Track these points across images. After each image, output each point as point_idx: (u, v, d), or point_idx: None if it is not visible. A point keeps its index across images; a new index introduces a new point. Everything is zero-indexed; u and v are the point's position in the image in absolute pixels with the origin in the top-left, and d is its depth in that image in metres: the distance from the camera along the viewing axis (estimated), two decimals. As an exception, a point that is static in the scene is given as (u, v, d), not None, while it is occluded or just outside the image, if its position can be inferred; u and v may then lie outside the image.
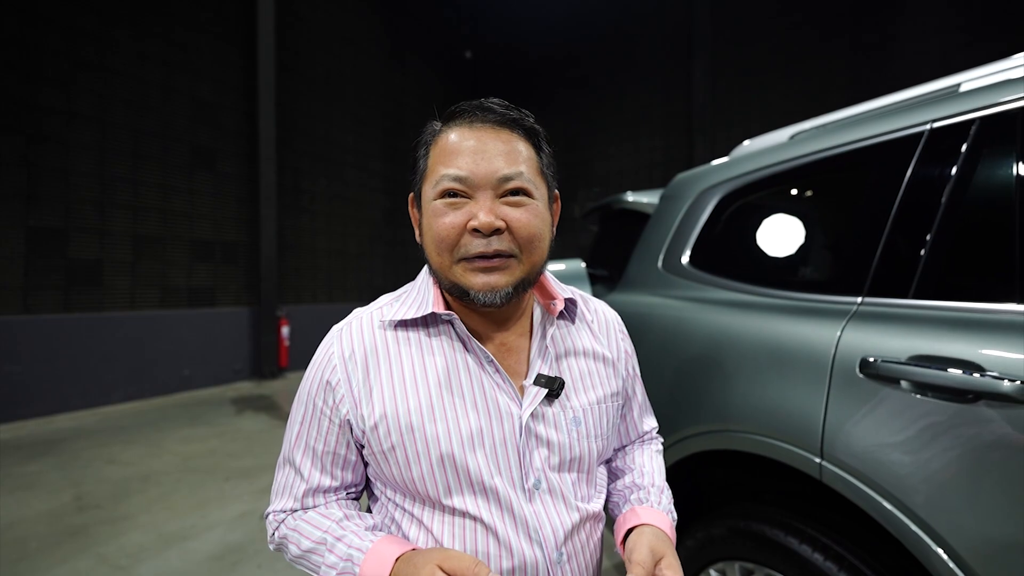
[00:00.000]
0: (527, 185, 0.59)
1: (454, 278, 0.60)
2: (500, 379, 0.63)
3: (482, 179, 0.57)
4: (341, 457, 0.65)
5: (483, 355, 0.63)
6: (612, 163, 9.19)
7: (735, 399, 1.12)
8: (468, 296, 0.60)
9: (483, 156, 0.58)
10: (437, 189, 0.59)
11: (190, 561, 2.23)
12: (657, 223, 1.61)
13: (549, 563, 0.60)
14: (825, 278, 1.15)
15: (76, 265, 4.78)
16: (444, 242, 0.59)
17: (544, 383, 0.63)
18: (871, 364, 0.89)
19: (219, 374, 5.98)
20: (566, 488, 0.63)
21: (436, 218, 0.59)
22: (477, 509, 0.59)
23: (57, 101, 4.60)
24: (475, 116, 0.60)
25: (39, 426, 4.33)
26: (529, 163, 0.60)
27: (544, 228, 0.62)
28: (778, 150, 1.29)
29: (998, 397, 0.74)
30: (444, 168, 0.59)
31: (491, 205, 0.57)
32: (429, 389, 0.61)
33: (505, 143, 0.59)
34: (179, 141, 5.57)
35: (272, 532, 0.66)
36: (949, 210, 0.90)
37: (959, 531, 0.77)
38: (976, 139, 0.90)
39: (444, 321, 0.65)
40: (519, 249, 0.59)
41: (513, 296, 0.60)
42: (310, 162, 7.18)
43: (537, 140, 0.63)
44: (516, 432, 0.61)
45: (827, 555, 0.96)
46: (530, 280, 0.62)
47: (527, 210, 0.59)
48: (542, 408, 0.63)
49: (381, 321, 0.65)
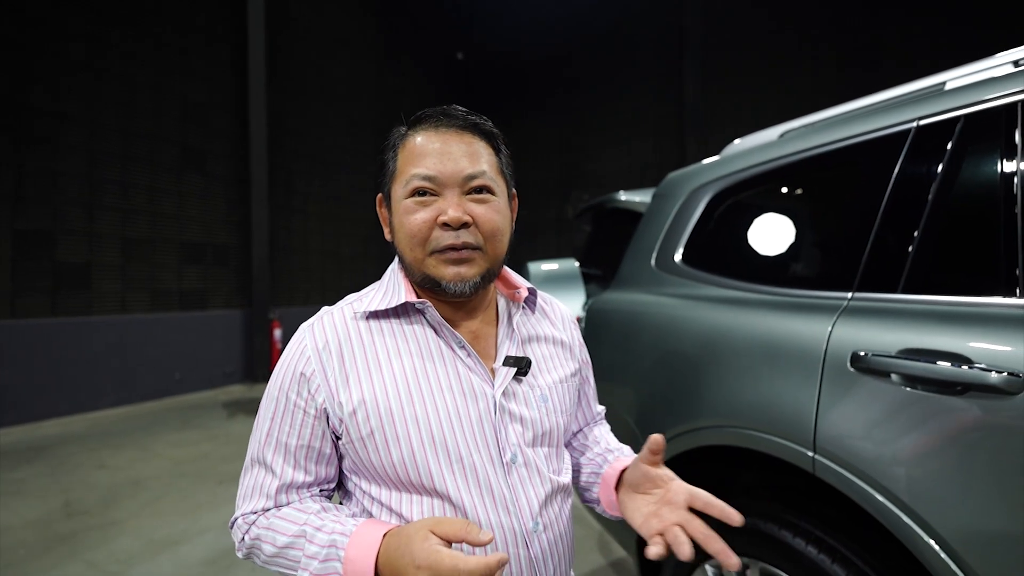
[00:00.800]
0: (490, 183, 0.64)
1: (427, 270, 0.64)
2: (472, 362, 0.67)
3: (449, 177, 0.62)
4: (315, 451, 0.65)
5: (455, 340, 0.67)
6: (605, 164, 9.23)
7: (728, 395, 1.13)
8: (440, 287, 0.64)
9: (449, 157, 0.62)
10: (408, 188, 0.63)
11: (182, 566, 2.21)
12: (650, 222, 1.62)
13: (526, 533, 0.64)
14: (816, 274, 1.16)
15: (64, 268, 4.72)
16: (416, 237, 0.63)
17: (513, 363, 0.68)
18: (862, 358, 0.90)
19: (211, 377, 5.92)
20: (540, 461, 0.68)
21: (408, 215, 0.63)
22: (456, 488, 0.62)
23: (45, 102, 4.55)
24: (439, 121, 0.65)
25: (26, 432, 4.27)
26: (490, 163, 0.66)
27: (505, 223, 0.67)
28: (768, 148, 1.31)
29: (986, 388, 0.75)
30: (413, 168, 0.63)
31: (458, 201, 0.62)
32: (405, 374, 0.64)
33: (468, 145, 0.64)
34: (169, 142, 5.52)
35: (242, 536, 0.64)
36: (936, 206, 0.92)
37: (950, 522, 0.78)
38: (961, 136, 0.91)
39: (417, 310, 0.68)
40: (484, 241, 0.64)
41: (480, 286, 0.65)
42: (303, 163, 7.15)
43: (496, 143, 0.68)
44: (491, 410, 0.65)
45: (821, 548, 0.97)
46: (494, 271, 0.68)
47: (490, 206, 0.64)
48: (512, 387, 0.68)
49: (353, 313, 0.68)
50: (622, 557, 2.25)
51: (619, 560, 2.23)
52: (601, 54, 9.16)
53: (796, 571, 1.00)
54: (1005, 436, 0.74)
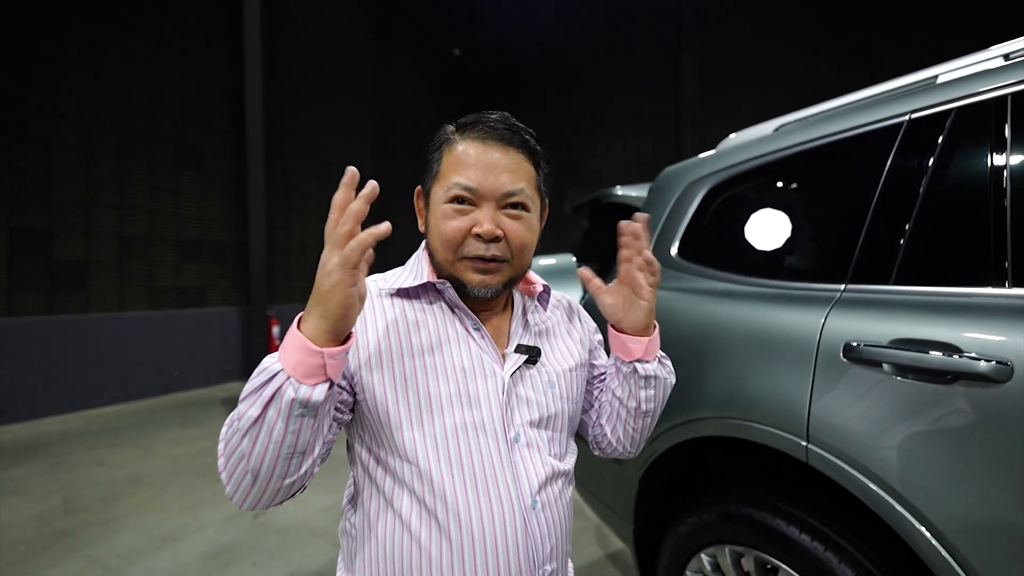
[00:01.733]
0: (526, 200, 0.68)
1: (455, 272, 0.68)
2: (486, 343, 0.71)
3: (488, 191, 0.66)
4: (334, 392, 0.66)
5: (471, 321, 0.71)
6: (602, 160, 9.24)
7: (723, 386, 1.14)
8: (464, 289, 0.69)
9: (492, 171, 0.66)
10: (448, 194, 0.67)
11: (182, 562, 2.22)
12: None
13: (525, 509, 0.66)
14: (810, 266, 1.17)
15: (61, 266, 4.71)
16: (450, 242, 0.67)
17: (524, 351, 0.72)
18: (854, 348, 0.91)
19: (209, 375, 5.92)
20: (542, 443, 0.71)
21: (445, 220, 0.67)
22: (460, 458, 0.64)
23: (42, 102, 4.53)
24: (488, 132, 0.68)
25: (25, 430, 4.27)
26: (529, 180, 0.69)
27: (533, 238, 0.72)
28: (763, 142, 1.31)
29: (975, 377, 0.76)
30: (456, 176, 0.66)
31: (493, 215, 0.66)
32: (422, 346, 0.68)
33: (512, 160, 0.68)
34: (165, 141, 5.51)
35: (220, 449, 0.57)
36: (928, 198, 0.93)
37: (941, 509, 0.79)
38: (952, 129, 0.92)
39: (436, 290, 0.72)
40: (512, 255, 0.68)
41: (501, 292, 0.71)
42: (300, 162, 7.13)
43: (537, 159, 0.72)
44: (500, 390, 0.68)
45: (814, 536, 0.99)
46: (516, 279, 0.73)
47: (522, 223, 0.68)
48: (521, 371, 0.72)
49: (379, 289, 0.72)
50: (620, 549, 2.27)
51: (617, 552, 2.25)
52: (598, 51, 9.15)
53: (790, 559, 1.01)
54: (995, 424, 0.75)
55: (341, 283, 0.51)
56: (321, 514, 2.67)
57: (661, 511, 1.41)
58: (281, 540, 2.40)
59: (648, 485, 1.37)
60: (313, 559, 2.23)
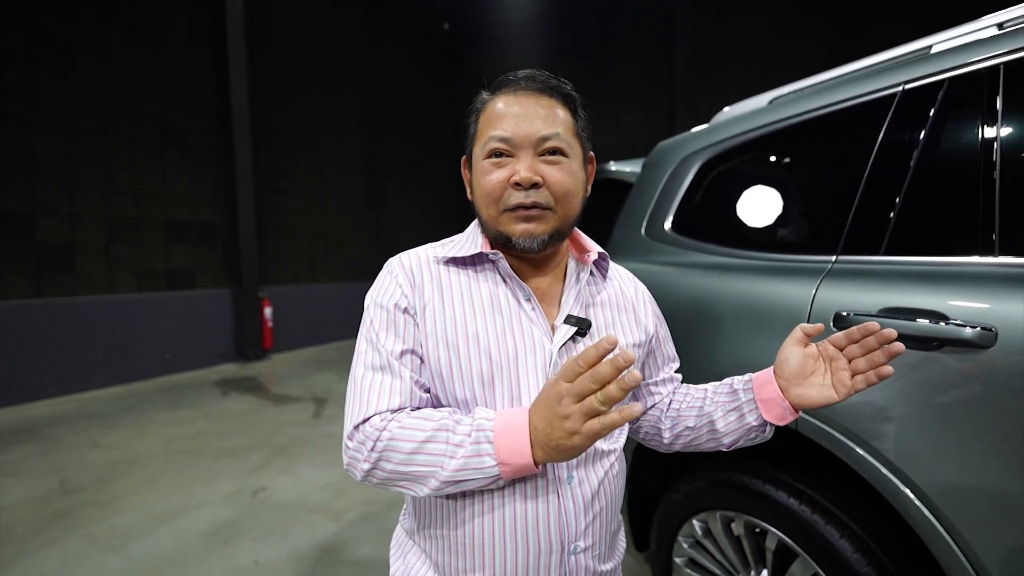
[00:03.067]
0: (562, 145, 0.67)
1: (500, 227, 0.68)
2: (536, 315, 0.70)
3: (523, 139, 0.65)
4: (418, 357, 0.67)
5: (523, 292, 0.70)
6: (596, 135, 9.14)
7: (716, 357, 1.16)
8: (511, 243, 0.68)
9: (524, 119, 0.65)
10: (486, 149, 0.67)
11: (182, 539, 2.24)
12: (640, 191, 1.62)
13: (559, 482, 0.66)
14: (802, 239, 1.19)
15: (46, 249, 4.62)
16: (491, 196, 0.67)
17: (574, 322, 0.70)
18: (844, 318, 0.93)
19: (202, 357, 5.90)
20: None
21: (484, 176, 0.67)
22: None
23: (16, 78, 4.37)
24: (519, 85, 0.68)
25: (16, 413, 4.24)
26: (565, 125, 0.68)
27: (577, 185, 0.69)
28: (757, 115, 1.31)
29: (960, 343, 0.78)
30: (491, 131, 0.67)
31: (530, 162, 0.65)
32: (475, 315, 0.68)
33: (545, 107, 0.67)
34: (148, 119, 5.37)
35: (372, 444, 0.60)
36: (918, 169, 0.94)
37: (924, 472, 0.82)
38: (944, 100, 0.93)
39: (490, 260, 0.72)
40: (555, 202, 0.66)
41: (548, 244, 0.68)
42: (287, 142, 6.99)
43: (574, 105, 0.71)
44: (547, 363, 0.68)
45: (802, 500, 1.02)
46: (563, 231, 0.70)
47: (561, 168, 0.67)
48: (570, 345, 0.70)
49: (435, 257, 0.73)
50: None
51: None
52: (590, 25, 8.99)
53: (779, 522, 1.05)
54: (979, 389, 0.78)
55: (584, 446, 0.51)
56: (319, 491, 2.70)
57: (654, 481, 1.45)
58: (280, 516, 2.44)
59: (641, 456, 1.40)
60: (312, 534, 2.27)
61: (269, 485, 2.78)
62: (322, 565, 2.03)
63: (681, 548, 1.30)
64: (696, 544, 1.28)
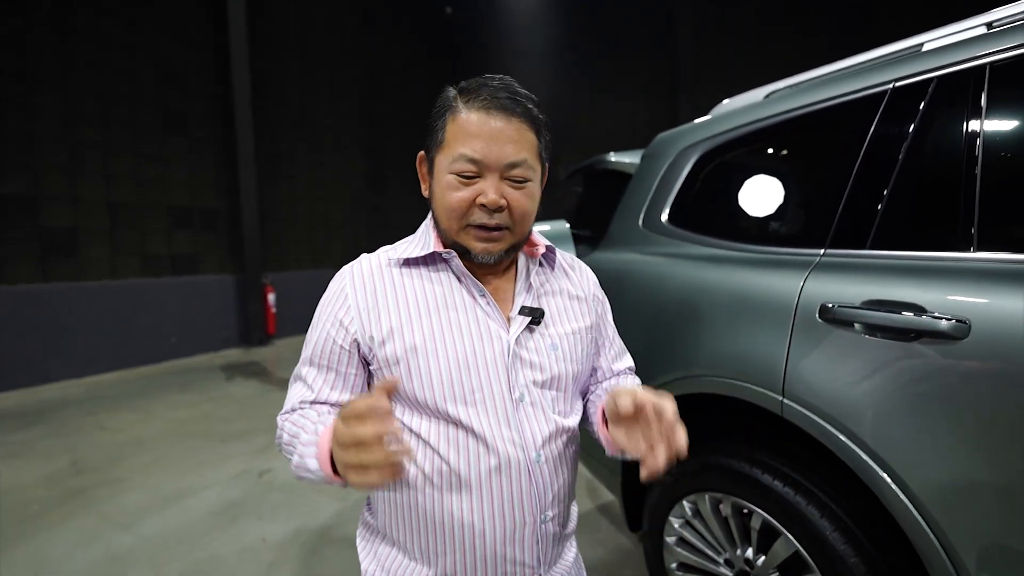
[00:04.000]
0: (528, 172, 0.70)
1: (460, 240, 0.71)
2: (491, 309, 0.74)
3: (492, 162, 0.67)
4: (342, 376, 0.74)
5: (477, 289, 0.74)
6: (597, 125, 9.10)
7: (707, 346, 1.20)
8: (469, 255, 0.72)
9: (496, 142, 0.67)
10: (453, 166, 0.68)
11: (191, 517, 2.32)
12: (638, 182, 1.65)
13: (529, 462, 0.71)
14: (793, 232, 1.22)
15: (50, 234, 4.66)
16: (455, 212, 0.69)
17: (528, 313, 0.75)
18: (829, 309, 0.97)
19: (206, 342, 5.97)
20: (546, 402, 0.75)
21: (450, 191, 0.69)
22: (468, 417, 0.69)
23: (14, 60, 4.36)
24: (491, 102, 0.68)
25: (24, 396, 4.33)
26: (531, 149, 0.71)
27: (534, 206, 0.74)
28: (753, 109, 1.33)
29: (935, 335, 0.82)
30: (461, 147, 0.67)
31: (497, 185, 0.68)
32: (430, 314, 0.72)
33: (515, 131, 0.68)
34: (148, 103, 5.35)
35: (279, 429, 0.74)
36: (905, 166, 0.96)
37: (900, 457, 0.86)
38: (932, 98, 0.95)
39: (443, 260, 0.75)
40: (513, 224, 0.71)
41: (504, 257, 0.73)
42: (287, 126, 6.97)
43: (539, 127, 0.73)
44: (504, 353, 0.72)
45: (786, 482, 1.07)
46: (518, 245, 0.75)
47: (524, 192, 0.71)
48: (525, 334, 0.75)
49: (388, 259, 0.76)
50: (610, 501, 2.40)
51: (606, 503, 2.38)
52: (593, 11, 8.87)
53: (764, 504, 1.10)
54: (953, 379, 0.81)
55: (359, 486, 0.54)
56: (323, 473, 2.77)
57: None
58: (286, 496, 2.51)
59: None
60: (317, 513, 2.34)
61: (274, 467, 2.85)
62: (326, 543, 2.11)
63: (672, 528, 1.35)
64: (686, 524, 1.34)
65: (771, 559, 1.11)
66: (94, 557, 2.02)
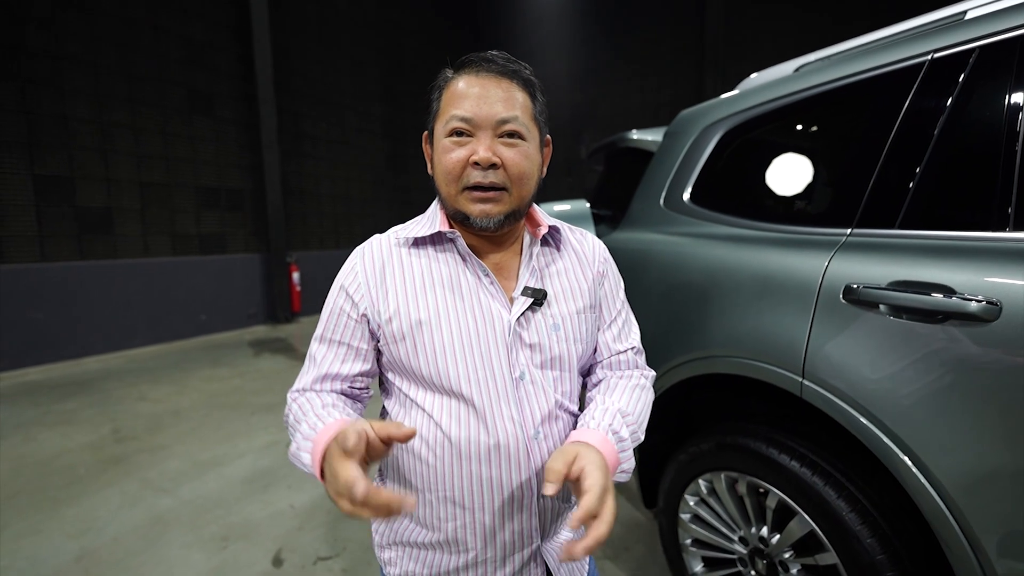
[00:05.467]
0: (520, 128, 0.69)
1: (458, 205, 0.71)
2: (494, 289, 0.75)
3: (483, 120, 0.68)
4: (354, 349, 0.76)
5: (480, 268, 0.75)
6: (619, 101, 8.89)
7: (727, 326, 1.20)
8: (468, 221, 0.71)
9: (485, 101, 0.68)
10: (447, 128, 0.69)
11: (225, 484, 2.44)
12: (660, 161, 1.62)
13: (527, 439, 0.73)
14: (819, 211, 1.19)
15: (86, 213, 4.84)
16: (450, 174, 0.70)
17: (530, 293, 0.75)
18: (853, 291, 0.95)
19: (235, 319, 6.17)
20: (547, 383, 0.76)
21: (445, 153, 0.70)
22: (470, 393, 0.71)
23: (46, 41, 4.47)
24: (481, 66, 0.70)
25: (68, 368, 4.56)
26: (524, 109, 0.70)
27: (533, 168, 0.72)
28: (781, 84, 1.29)
29: (965, 316, 0.80)
30: (453, 110, 0.69)
31: (489, 143, 0.68)
32: (435, 293, 0.73)
33: (505, 91, 0.69)
34: (175, 85, 5.44)
35: (287, 407, 0.77)
36: (940, 142, 0.93)
37: (923, 440, 0.85)
38: (974, 69, 0.91)
39: (448, 239, 0.76)
40: (510, 183, 0.70)
41: (505, 223, 0.72)
42: (309, 105, 7.01)
43: (532, 90, 0.73)
44: (505, 333, 0.73)
45: (803, 462, 1.07)
46: (520, 211, 0.74)
47: (519, 151, 0.70)
48: (527, 315, 0.75)
49: (396, 239, 0.78)
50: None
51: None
52: (618, -21, 8.57)
53: (780, 483, 1.10)
54: (980, 361, 0.79)
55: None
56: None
57: (663, 442, 1.51)
58: (313, 467, 2.62)
59: (652, 419, 1.46)
60: (343, 483, 2.44)
61: (302, 438, 2.97)
62: (352, 511, 2.20)
63: (687, 505, 1.37)
64: (701, 502, 1.35)
65: (786, 537, 1.12)
66: (137, 518, 2.16)
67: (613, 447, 0.69)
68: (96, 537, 2.03)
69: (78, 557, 1.90)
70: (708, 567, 1.38)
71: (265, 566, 1.85)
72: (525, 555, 0.76)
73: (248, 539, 2.01)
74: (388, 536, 0.80)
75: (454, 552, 0.74)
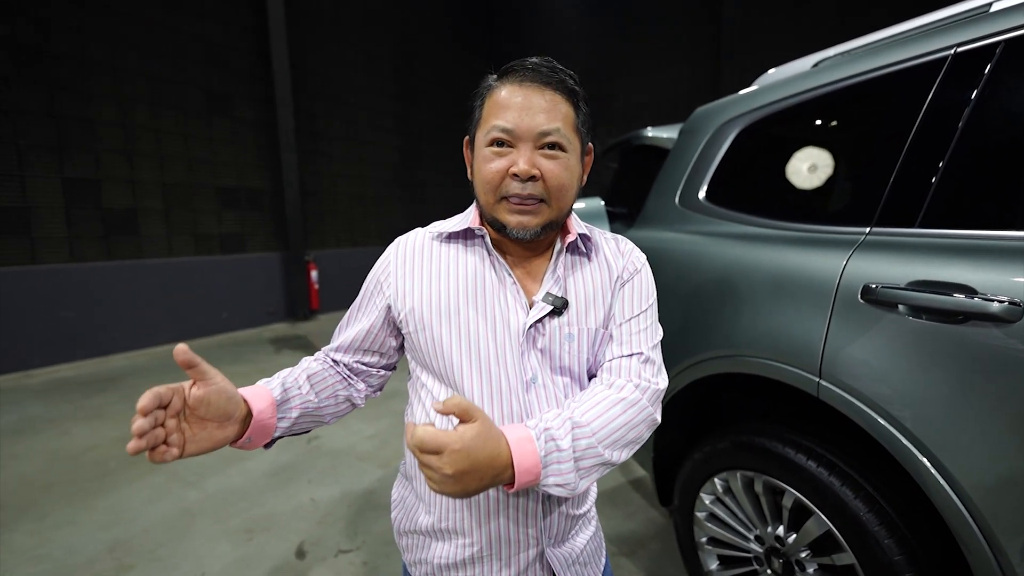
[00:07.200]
0: (562, 140, 0.69)
1: (495, 214, 0.72)
2: (516, 290, 0.75)
3: (524, 132, 0.68)
4: (373, 333, 0.82)
5: (504, 268, 0.76)
6: (634, 96, 8.80)
7: (744, 326, 1.19)
8: (506, 230, 0.72)
9: (528, 112, 0.67)
10: (488, 137, 0.70)
11: (249, 477, 2.51)
12: (676, 159, 1.62)
13: None
14: (837, 210, 1.17)
15: (112, 214, 4.97)
16: (489, 184, 0.70)
17: (551, 301, 0.75)
18: (872, 290, 0.94)
19: (255, 317, 6.29)
20: (558, 388, 0.76)
21: (485, 163, 0.70)
22: (481, 392, 0.73)
23: (70, 46, 4.59)
24: (525, 75, 0.69)
25: (97, 365, 4.71)
26: (566, 120, 0.70)
27: (572, 179, 0.72)
28: (799, 80, 1.27)
29: (986, 317, 0.79)
30: (495, 119, 0.69)
31: (530, 155, 0.68)
32: (459, 287, 0.75)
33: (548, 101, 0.68)
34: (194, 86, 5.55)
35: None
36: (962, 139, 0.91)
37: (943, 441, 0.84)
38: (998, 63, 0.89)
39: (478, 236, 0.78)
40: (549, 196, 0.70)
41: (541, 234, 0.72)
42: (323, 105, 7.08)
43: (576, 100, 0.72)
44: (520, 336, 0.73)
45: (820, 462, 1.07)
46: (557, 223, 0.74)
47: (559, 163, 0.69)
48: (544, 321, 0.75)
49: (431, 233, 0.81)
50: (641, 476, 2.44)
51: (637, 479, 2.42)
52: (633, -28, 8.46)
53: (797, 482, 1.10)
54: (1001, 362, 0.78)
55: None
56: (365, 441, 2.93)
57: (678, 441, 1.51)
58: (332, 462, 2.67)
59: (667, 418, 1.46)
60: (361, 478, 2.49)
61: (322, 434, 3.03)
62: (369, 506, 2.24)
63: (703, 504, 1.37)
64: (717, 500, 1.35)
65: (802, 537, 1.12)
66: (166, 510, 2.23)
67: (535, 451, 0.62)
68: (127, 528, 2.11)
69: (111, 547, 1.98)
70: (724, 565, 1.38)
71: (289, 558, 1.90)
72: (530, 555, 0.77)
73: (271, 531, 2.07)
74: (404, 524, 0.84)
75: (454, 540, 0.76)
